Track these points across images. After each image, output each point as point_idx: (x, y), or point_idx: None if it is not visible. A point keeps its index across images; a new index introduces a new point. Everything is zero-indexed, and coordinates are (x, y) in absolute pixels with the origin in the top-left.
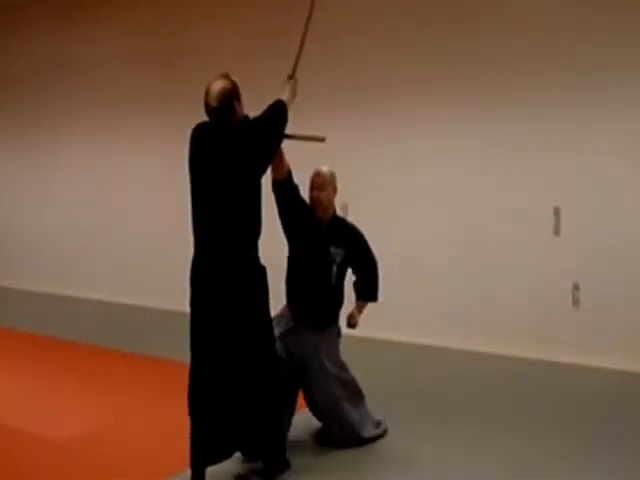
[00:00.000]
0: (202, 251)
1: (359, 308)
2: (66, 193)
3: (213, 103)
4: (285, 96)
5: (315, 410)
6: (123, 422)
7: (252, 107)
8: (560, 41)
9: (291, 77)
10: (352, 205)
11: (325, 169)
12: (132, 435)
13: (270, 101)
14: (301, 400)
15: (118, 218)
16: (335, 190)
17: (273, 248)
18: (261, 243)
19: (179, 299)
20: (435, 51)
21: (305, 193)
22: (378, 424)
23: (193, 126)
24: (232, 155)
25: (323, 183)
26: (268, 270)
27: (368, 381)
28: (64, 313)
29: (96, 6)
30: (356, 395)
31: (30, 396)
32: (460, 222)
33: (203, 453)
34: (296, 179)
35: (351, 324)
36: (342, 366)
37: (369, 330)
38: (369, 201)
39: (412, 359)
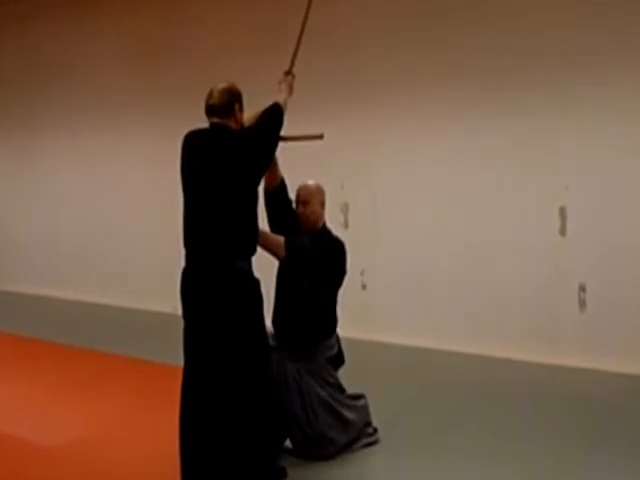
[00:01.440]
0: (192, 262)
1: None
2: (57, 193)
3: (214, 100)
4: (283, 95)
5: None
6: (118, 427)
7: (246, 105)
8: (566, 39)
9: (288, 73)
10: (352, 205)
11: (311, 182)
12: (127, 440)
13: (264, 99)
14: None
15: (110, 219)
16: (322, 204)
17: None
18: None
19: (175, 301)
20: (436, 49)
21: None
22: (369, 434)
23: (186, 126)
24: (227, 163)
25: (308, 197)
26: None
27: (369, 384)
28: (55, 316)
29: (88, 4)
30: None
31: (21, 401)
32: (464, 223)
33: (192, 471)
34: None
35: None
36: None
37: (370, 333)
38: (370, 201)
39: (414, 362)
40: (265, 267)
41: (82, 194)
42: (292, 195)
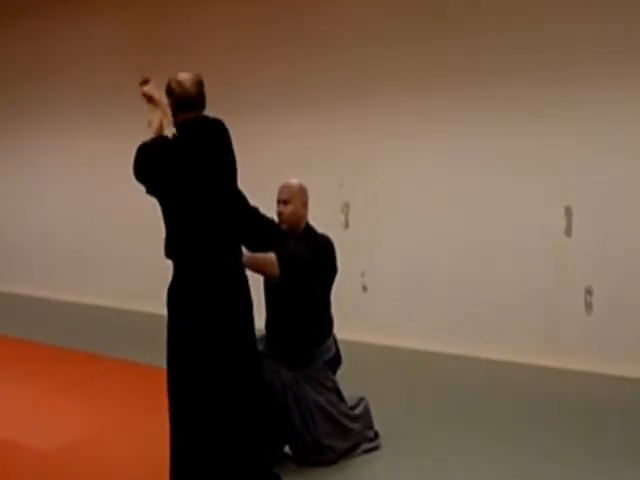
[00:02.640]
0: (195, 268)
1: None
2: (52, 193)
3: (191, 92)
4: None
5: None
6: (112, 429)
7: (245, 99)
8: (570, 36)
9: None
10: (353, 205)
11: (293, 182)
12: (121, 443)
13: (263, 93)
14: None
15: (107, 219)
16: (304, 204)
17: None
18: None
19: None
20: (436, 46)
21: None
22: (370, 439)
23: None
24: (226, 159)
25: (288, 197)
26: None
27: (369, 387)
28: (50, 317)
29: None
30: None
31: (14, 403)
32: (466, 223)
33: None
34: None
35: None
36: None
37: (370, 335)
38: (371, 201)
39: (416, 366)
40: None
41: (78, 193)
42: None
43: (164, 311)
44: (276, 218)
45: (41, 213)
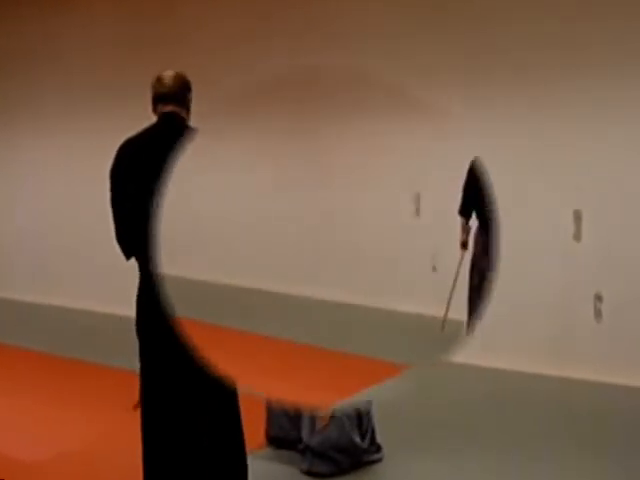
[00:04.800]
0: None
1: None
2: (45, 193)
3: (168, 87)
4: None
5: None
6: (103, 440)
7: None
8: (579, 31)
9: None
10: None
11: None
12: (112, 453)
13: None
14: None
15: (104, 220)
16: None
17: None
18: None
19: None
20: (437, 46)
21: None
22: (373, 452)
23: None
24: None
25: None
26: None
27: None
28: (40, 323)
29: None
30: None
31: (1, 414)
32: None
33: None
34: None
35: None
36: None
37: None
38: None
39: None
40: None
41: (71, 194)
42: None
43: None
44: None
45: (32, 214)
